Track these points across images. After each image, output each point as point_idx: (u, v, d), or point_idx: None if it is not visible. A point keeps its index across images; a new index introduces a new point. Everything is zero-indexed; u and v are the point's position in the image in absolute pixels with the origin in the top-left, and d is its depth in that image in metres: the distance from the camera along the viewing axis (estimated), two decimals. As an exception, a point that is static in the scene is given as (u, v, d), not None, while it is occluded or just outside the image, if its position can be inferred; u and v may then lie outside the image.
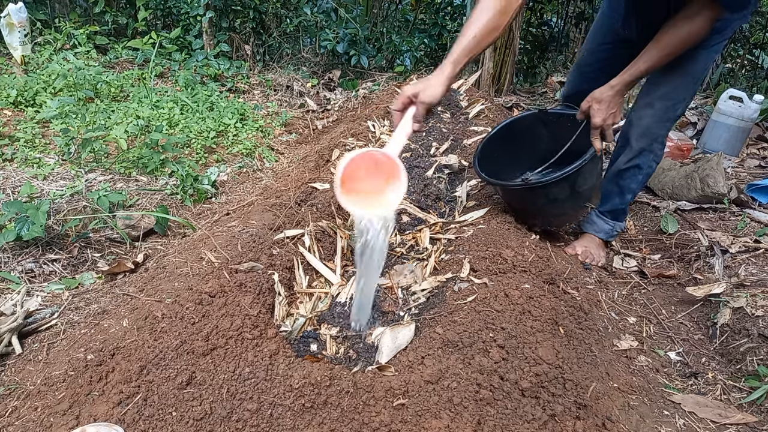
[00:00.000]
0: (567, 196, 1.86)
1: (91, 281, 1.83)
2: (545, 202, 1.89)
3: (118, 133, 2.56)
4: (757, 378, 1.47)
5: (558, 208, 1.94)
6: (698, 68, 1.72)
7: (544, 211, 1.97)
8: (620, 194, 2.00)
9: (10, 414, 1.21)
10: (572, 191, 1.85)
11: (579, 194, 1.88)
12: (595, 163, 1.85)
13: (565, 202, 1.88)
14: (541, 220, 2.05)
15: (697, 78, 1.76)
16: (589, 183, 1.87)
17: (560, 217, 2.05)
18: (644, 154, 1.88)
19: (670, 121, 1.82)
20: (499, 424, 1.19)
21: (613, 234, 2.09)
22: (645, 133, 1.83)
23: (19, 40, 3.61)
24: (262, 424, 1.16)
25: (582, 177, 1.81)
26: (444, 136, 3.04)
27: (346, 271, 1.88)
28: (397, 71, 4.85)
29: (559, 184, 1.80)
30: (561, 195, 1.85)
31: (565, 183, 1.80)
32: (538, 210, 1.98)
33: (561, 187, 1.82)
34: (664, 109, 1.77)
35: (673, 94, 1.76)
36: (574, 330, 1.53)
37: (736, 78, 5.29)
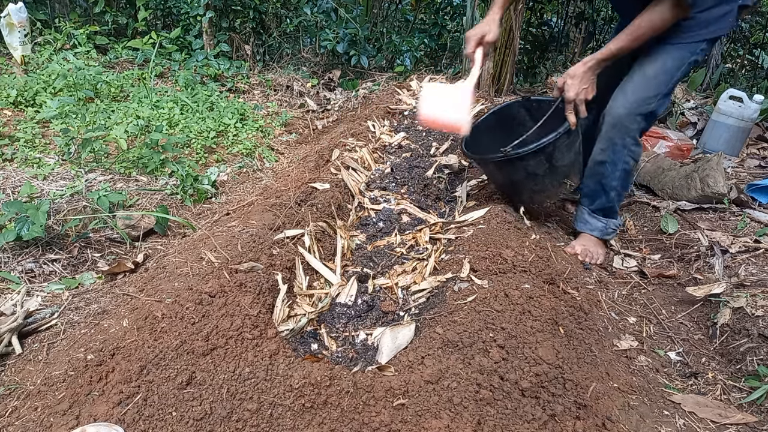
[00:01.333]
0: (545, 171, 1.91)
1: (91, 281, 1.83)
2: (525, 176, 1.94)
3: (118, 133, 2.56)
4: (757, 378, 1.47)
5: (538, 183, 1.97)
6: (673, 65, 1.79)
7: (525, 186, 2.01)
8: (604, 192, 2.02)
9: (10, 414, 1.21)
10: (550, 165, 1.90)
11: (557, 169, 1.92)
12: (572, 140, 1.90)
13: (545, 177, 1.93)
14: (524, 196, 2.08)
15: (671, 75, 1.81)
16: (566, 159, 1.92)
17: (541, 194, 2.08)
18: (617, 148, 1.90)
19: (642, 116, 1.84)
20: (499, 424, 1.19)
21: (607, 232, 2.10)
22: (616, 123, 1.86)
23: (19, 40, 3.61)
24: (262, 424, 1.16)
25: (559, 151, 1.87)
26: (444, 136, 3.04)
27: (346, 271, 1.88)
28: (397, 71, 4.85)
29: (536, 157, 1.85)
30: (539, 169, 1.90)
31: (542, 156, 1.86)
32: (520, 185, 2.02)
33: (538, 160, 1.88)
34: (636, 102, 1.82)
35: (647, 86, 1.81)
36: (574, 330, 1.53)
37: (736, 78, 5.30)
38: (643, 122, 1.86)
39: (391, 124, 3.23)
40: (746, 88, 4.78)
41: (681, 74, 1.83)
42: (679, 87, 4.14)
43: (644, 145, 3.16)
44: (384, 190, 2.46)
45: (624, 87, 1.86)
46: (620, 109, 1.84)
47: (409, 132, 3.10)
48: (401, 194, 2.41)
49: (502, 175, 2.06)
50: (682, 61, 1.79)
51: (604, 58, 1.77)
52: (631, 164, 1.95)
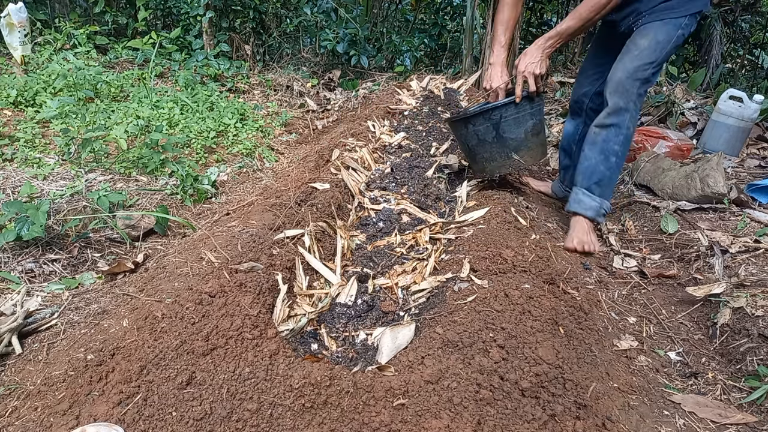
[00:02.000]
0: (493, 139, 2.12)
1: (91, 281, 1.83)
2: (477, 142, 2.17)
3: (118, 133, 2.56)
4: (757, 378, 1.47)
5: (487, 151, 2.17)
6: (663, 38, 1.97)
7: (477, 153, 2.21)
8: (605, 160, 2.09)
9: (10, 414, 1.21)
10: (497, 134, 2.10)
11: (504, 140, 2.11)
12: (521, 116, 2.08)
13: (492, 145, 2.14)
14: (476, 163, 2.27)
15: (663, 47, 1.98)
16: (515, 134, 2.10)
17: (490, 162, 2.21)
18: (621, 112, 2.03)
19: (640, 81, 2.00)
20: (499, 424, 1.19)
21: (600, 212, 2.16)
22: (617, 88, 2.01)
23: (19, 40, 3.61)
24: (262, 424, 1.16)
25: (506, 122, 2.08)
26: (444, 136, 3.04)
27: (346, 271, 1.88)
28: (397, 71, 4.85)
29: (483, 121, 2.10)
30: (487, 136, 2.12)
31: (488, 123, 2.09)
32: (473, 151, 2.22)
33: (485, 126, 2.11)
34: (634, 68, 1.98)
35: (641, 56, 1.98)
36: (574, 330, 1.53)
37: (736, 78, 5.30)
38: (641, 87, 2.01)
39: (391, 124, 3.23)
40: (746, 88, 4.78)
41: (671, 47, 1.99)
42: (679, 87, 4.15)
43: (644, 146, 3.16)
44: (384, 190, 2.46)
45: (622, 58, 2.03)
46: (620, 73, 2.00)
47: (409, 132, 3.10)
48: (401, 194, 2.41)
49: (462, 139, 2.26)
50: (670, 35, 1.97)
51: (551, 37, 2.01)
52: (632, 129, 2.08)
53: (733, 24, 5.31)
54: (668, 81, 4.41)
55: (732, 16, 5.17)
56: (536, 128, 2.13)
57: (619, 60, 2.03)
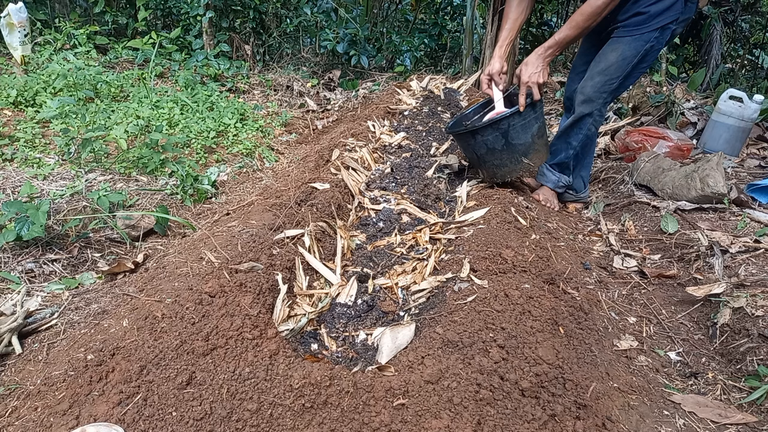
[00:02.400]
0: (502, 146, 2.19)
1: (91, 281, 1.83)
2: (486, 151, 2.23)
3: (118, 133, 2.56)
4: (757, 378, 1.47)
5: (497, 158, 2.25)
6: (629, 53, 2.12)
7: (487, 160, 2.28)
8: (566, 149, 2.42)
9: (10, 414, 1.21)
10: (506, 142, 2.18)
11: (513, 146, 2.20)
12: (527, 122, 2.18)
13: (502, 152, 2.22)
14: (488, 170, 2.34)
15: (630, 61, 2.14)
16: (523, 139, 2.20)
17: (501, 168, 2.29)
18: (585, 118, 2.30)
19: (607, 93, 2.23)
20: (499, 424, 1.19)
21: (559, 184, 2.52)
22: (586, 100, 2.25)
23: (19, 40, 3.61)
24: (262, 424, 1.16)
25: (514, 130, 2.16)
26: (444, 136, 3.04)
27: (346, 271, 1.88)
28: (397, 71, 4.85)
29: (492, 132, 2.17)
30: (497, 144, 2.19)
31: (497, 132, 2.17)
32: (483, 159, 2.29)
33: (494, 136, 2.18)
34: (602, 83, 2.20)
35: (608, 71, 2.18)
36: (574, 330, 1.53)
37: (736, 78, 5.30)
38: (608, 97, 2.26)
39: (391, 124, 3.23)
40: (746, 88, 4.78)
41: (638, 60, 2.14)
42: (679, 87, 4.15)
43: (644, 146, 3.16)
44: (384, 190, 2.46)
45: (592, 70, 2.24)
46: (589, 89, 2.24)
47: (409, 132, 3.10)
48: (401, 194, 2.41)
49: (470, 148, 2.32)
50: (637, 50, 2.12)
51: (550, 46, 2.10)
52: (594, 131, 2.39)
53: (733, 24, 5.31)
54: (668, 81, 4.41)
55: (732, 16, 5.17)
56: (541, 131, 2.25)
57: (590, 71, 2.25)
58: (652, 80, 4.19)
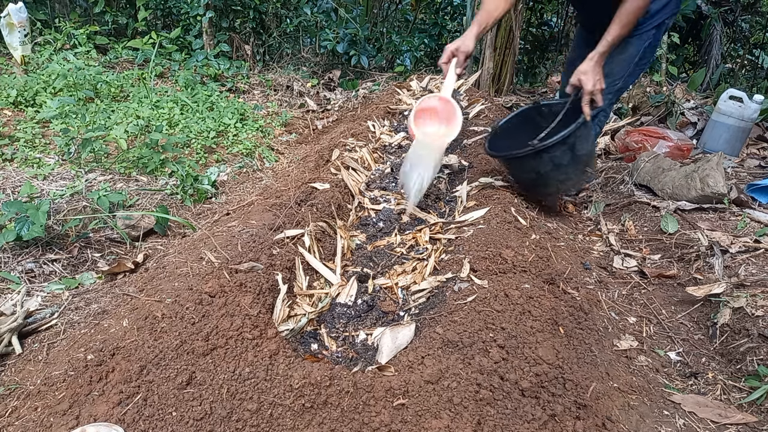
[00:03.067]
0: (569, 160, 2.10)
1: (91, 281, 1.83)
2: (551, 167, 2.10)
3: (118, 133, 2.56)
4: (757, 378, 1.47)
5: (562, 173, 2.15)
6: (631, 52, 2.17)
7: (552, 178, 2.17)
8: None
9: (10, 414, 1.21)
10: (573, 155, 2.09)
11: (579, 158, 2.13)
12: (588, 130, 2.13)
13: (568, 166, 2.12)
14: (551, 188, 2.28)
15: (631, 60, 2.20)
16: (585, 148, 2.15)
17: (566, 183, 2.24)
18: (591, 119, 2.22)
19: (612, 93, 2.27)
20: (499, 424, 1.19)
21: None
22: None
23: (19, 40, 3.61)
24: (262, 424, 1.16)
25: (579, 140, 2.09)
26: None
27: (346, 271, 1.88)
28: (397, 71, 4.85)
29: (561, 147, 2.05)
30: (564, 159, 2.09)
31: (565, 146, 2.06)
32: (547, 177, 2.16)
33: (562, 151, 2.07)
34: (608, 83, 2.14)
35: (612, 72, 2.19)
36: (574, 330, 1.53)
37: (736, 78, 5.30)
38: (613, 97, 2.31)
39: (391, 124, 3.23)
40: (746, 88, 4.78)
41: (640, 58, 2.21)
42: (679, 87, 4.15)
43: (644, 146, 3.17)
44: (384, 190, 2.46)
45: None
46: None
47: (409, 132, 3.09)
48: (401, 194, 2.41)
49: (530, 169, 2.17)
50: (639, 48, 2.18)
51: (605, 51, 2.05)
52: (598, 131, 2.46)
53: (733, 24, 5.31)
54: (668, 81, 4.41)
55: (732, 16, 5.17)
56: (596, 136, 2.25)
57: None
58: (652, 80, 4.19)
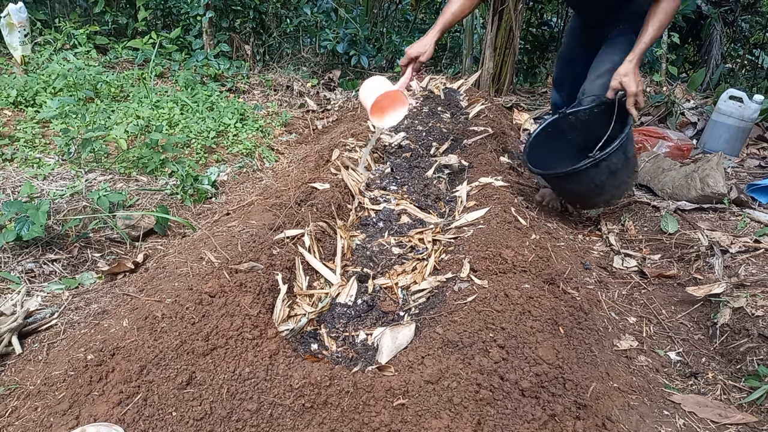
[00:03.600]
0: (622, 165, 2.14)
1: (91, 281, 1.83)
2: (607, 176, 2.13)
3: (118, 133, 2.56)
4: (757, 378, 1.47)
5: (617, 179, 2.18)
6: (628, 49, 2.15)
7: (608, 185, 2.19)
8: None
9: (10, 414, 1.21)
10: (626, 159, 2.14)
11: (629, 161, 2.18)
12: (631, 132, 2.15)
13: (622, 171, 2.16)
14: (605, 196, 2.28)
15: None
16: (632, 150, 2.19)
17: (620, 188, 2.27)
18: None
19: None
20: (499, 424, 1.19)
21: None
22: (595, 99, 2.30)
23: (19, 40, 3.61)
24: (262, 424, 1.16)
25: (630, 143, 2.15)
26: (444, 136, 3.04)
27: (346, 271, 1.88)
28: (397, 71, 4.84)
29: (618, 153, 2.07)
30: (619, 164, 2.12)
31: (621, 151, 2.08)
32: (602, 186, 2.18)
33: (618, 156, 2.09)
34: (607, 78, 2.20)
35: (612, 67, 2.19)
36: (574, 330, 1.53)
37: (736, 78, 5.30)
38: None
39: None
40: (746, 88, 4.78)
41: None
42: (679, 87, 4.15)
43: (644, 146, 3.16)
44: (384, 190, 2.46)
45: (597, 68, 2.29)
46: (597, 86, 2.26)
47: (409, 132, 3.10)
48: (401, 194, 2.41)
49: (588, 181, 2.15)
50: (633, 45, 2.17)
51: (642, 52, 2.08)
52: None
53: (733, 24, 5.31)
54: (668, 81, 4.41)
55: (732, 16, 5.17)
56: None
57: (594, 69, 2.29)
58: (652, 80, 4.19)
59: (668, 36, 4.03)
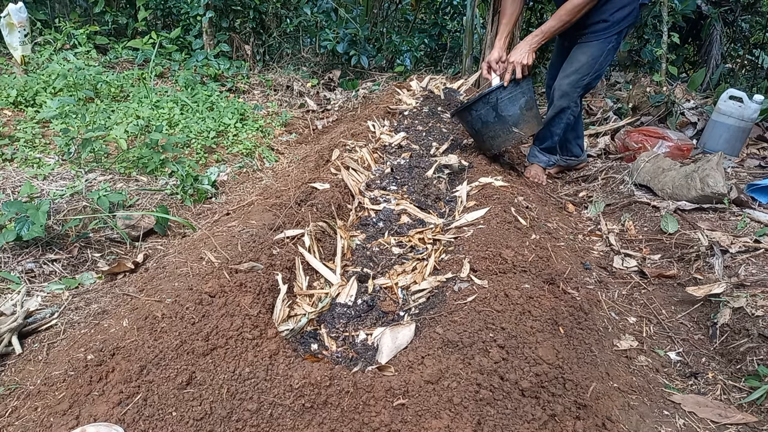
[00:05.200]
0: (494, 119, 2.52)
1: (91, 281, 1.83)
2: (481, 125, 2.57)
3: (118, 133, 2.56)
4: (757, 378, 1.47)
5: (491, 130, 2.56)
6: (596, 54, 2.58)
7: (484, 134, 2.60)
8: (551, 136, 2.85)
9: (10, 414, 1.21)
10: (497, 114, 2.51)
11: (504, 118, 2.51)
12: (514, 96, 2.50)
13: (495, 125, 2.53)
14: (485, 143, 2.64)
15: (596, 60, 2.59)
16: (511, 111, 2.51)
17: (495, 139, 2.59)
18: (564, 110, 2.74)
19: (581, 88, 2.67)
20: (499, 424, 1.19)
21: (549, 163, 2.96)
22: (563, 94, 2.70)
23: (19, 40, 3.61)
24: (262, 424, 1.16)
25: (502, 103, 2.49)
26: (444, 136, 3.04)
27: (346, 271, 1.88)
28: (397, 71, 4.85)
29: (484, 106, 2.51)
30: (489, 117, 2.52)
31: (488, 106, 2.50)
32: (480, 133, 2.61)
33: (486, 110, 2.51)
34: (576, 80, 2.64)
35: (581, 70, 2.62)
36: (574, 330, 1.53)
37: (736, 78, 5.30)
38: (581, 90, 2.70)
39: (391, 124, 3.23)
40: (746, 88, 4.78)
41: (604, 59, 2.60)
42: (679, 87, 4.15)
43: (644, 146, 3.16)
44: (384, 190, 2.46)
45: (566, 69, 2.68)
46: (566, 86, 2.67)
47: (409, 132, 3.10)
48: (401, 194, 2.41)
49: (469, 125, 2.65)
50: (602, 50, 2.57)
51: (536, 35, 2.48)
52: (572, 120, 2.81)
53: (733, 24, 5.31)
54: (668, 81, 4.41)
55: (732, 16, 5.17)
56: (528, 104, 2.55)
57: (563, 70, 2.69)
58: (652, 80, 4.19)
59: (668, 36, 4.02)
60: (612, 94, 4.29)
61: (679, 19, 4.16)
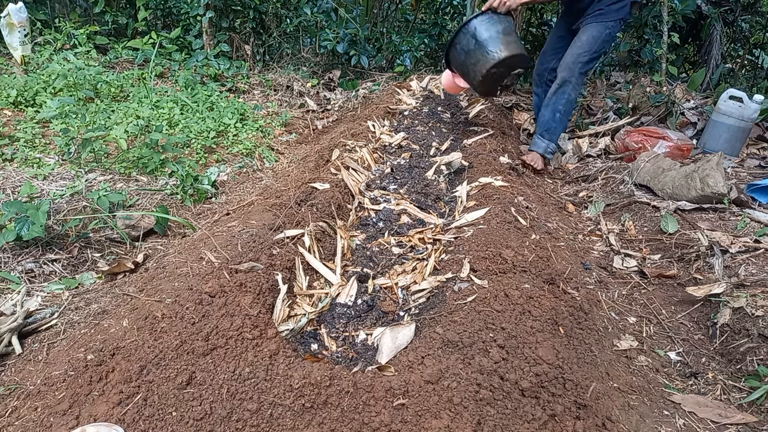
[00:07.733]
0: (475, 45, 2.69)
1: (91, 281, 1.83)
2: (465, 57, 2.75)
3: (118, 133, 2.56)
4: (757, 378, 1.47)
5: (473, 57, 2.72)
6: (596, 33, 2.86)
7: (468, 64, 2.76)
8: (552, 114, 2.98)
9: (10, 414, 1.21)
10: (476, 41, 2.68)
11: (481, 42, 2.67)
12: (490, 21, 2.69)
13: (476, 51, 2.70)
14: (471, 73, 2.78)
15: (596, 40, 2.86)
16: (487, 34, 2.67)
17: (477, 65, 2.73)
18: (566, 83, 2.93)
19: (581, 63, 2.91)
20: (499, 424, 1.19)
21: (548, 150, 3.04)
22: (565, 67, 2.92)
23: (19, 40, 3.61)
24: (262, 424, 1.16)
25: (479, 29, 2.67)
26: (444, 136, 3.04)
27: (346, 271, 1.88)
28: (397, 71, 4.84)
29: (463, 36, 2.71)
30: (470, 45, 2.70)
31: (467, 35, 2.69)
32: (465, 65, 2.78)
33: (467, 39, 2.70)
34: (577, 54, 2.90)
35: (582, 46, 2.89)
36: (574, 330, 1.53)
37: (736, 78, 5.29)
38: (582, 67, 2.92)
39: (391, 124, 3.23)
40: (746, 88, 4.78)
41: (602, 40, 2.87)
42: (679, 87, 4.14)
43: (644, 146, 3.16)
44: (384, 190, 2.46)
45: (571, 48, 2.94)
46: (569, 58, 2.93)
47: (409, 132, 3.10)
48: (401, 194, 2.41)
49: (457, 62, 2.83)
50: (601, 32, 2.86)
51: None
52: (574, 97, 2.98)
53: (733, 24, 5.31)
54: (668, 81, 4.41)
55: (732, 16, 5.17)
56: (506, 30, 2.72)
57: (568, 50, 2.95)
58: (652, 80, 4.18)
59: (668, 36, 4.02)
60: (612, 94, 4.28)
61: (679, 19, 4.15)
